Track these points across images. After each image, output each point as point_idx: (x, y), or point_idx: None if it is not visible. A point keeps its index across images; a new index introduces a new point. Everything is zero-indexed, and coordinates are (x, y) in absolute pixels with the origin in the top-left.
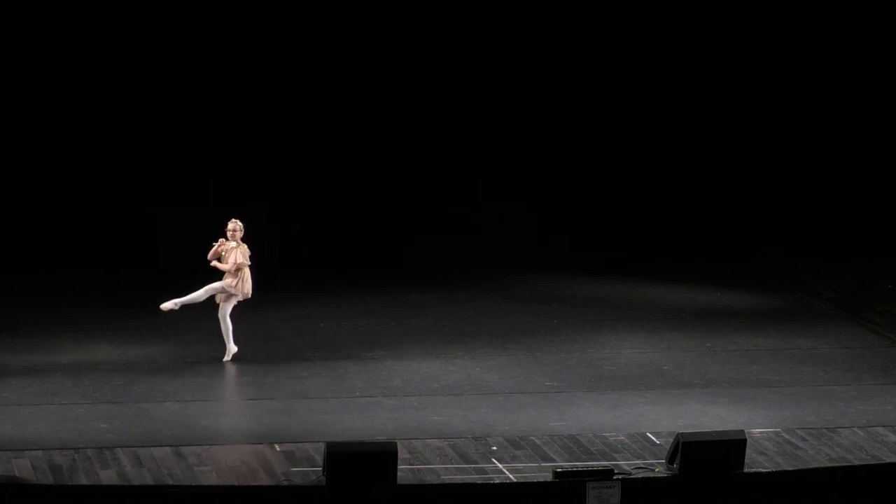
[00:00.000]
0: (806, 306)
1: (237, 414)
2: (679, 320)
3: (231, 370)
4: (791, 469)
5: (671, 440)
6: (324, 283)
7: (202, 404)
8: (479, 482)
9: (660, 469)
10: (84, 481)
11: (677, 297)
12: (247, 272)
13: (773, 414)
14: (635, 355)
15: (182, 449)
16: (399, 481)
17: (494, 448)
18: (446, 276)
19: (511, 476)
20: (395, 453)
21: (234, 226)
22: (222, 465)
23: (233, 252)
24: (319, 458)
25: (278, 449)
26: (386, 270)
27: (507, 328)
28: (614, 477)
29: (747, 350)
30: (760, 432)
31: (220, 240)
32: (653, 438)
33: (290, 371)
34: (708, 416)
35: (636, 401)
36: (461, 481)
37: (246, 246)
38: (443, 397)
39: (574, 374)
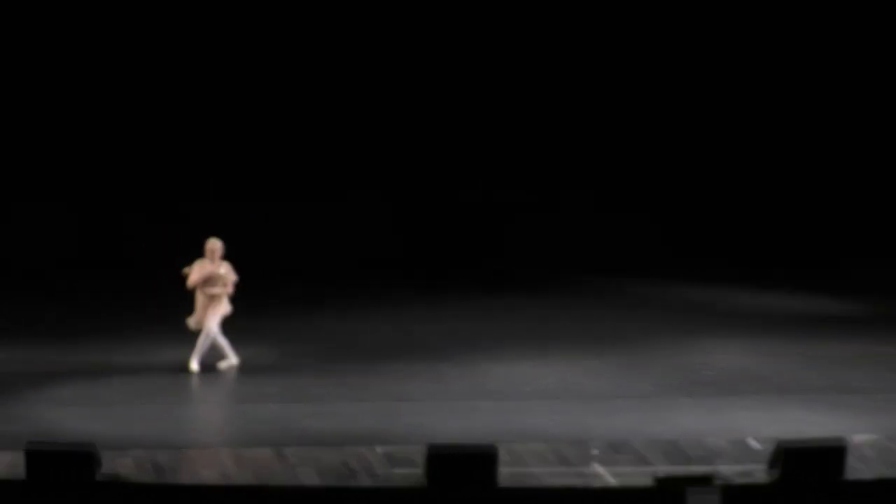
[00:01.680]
0: None
1: (338, 415)
2: (777, 326)
3: (332, 372)
4: (893, 477)
5: (771, 446)
6: (422, 286)
7: (303, 405)
8: (579, 486)
9: (760, 475)
10: (186, 481)
11: (775, 303)
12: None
13: (873, 421)
14: (734, 361)
15: (283, 449)
16: (499, 484)
17: (595, 452)
18: (544, 280)
19: (611, 480)
20: (496, 456)
21: (214, 246)
22: (323, 465)
23: (222, 273)
24: (420, 460)
25: (379, 450)
26: (484, 273)
27: (607, 332)
28: (714, 483)
29: (846, 356)
30: (861, 439)
31: (199, 264)
32: (752, 444)
33: (390, 373)
34: (807, 423)
35: (735, 406)
36: (561, 485)
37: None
38: (543, 401)
39: (673, 379)
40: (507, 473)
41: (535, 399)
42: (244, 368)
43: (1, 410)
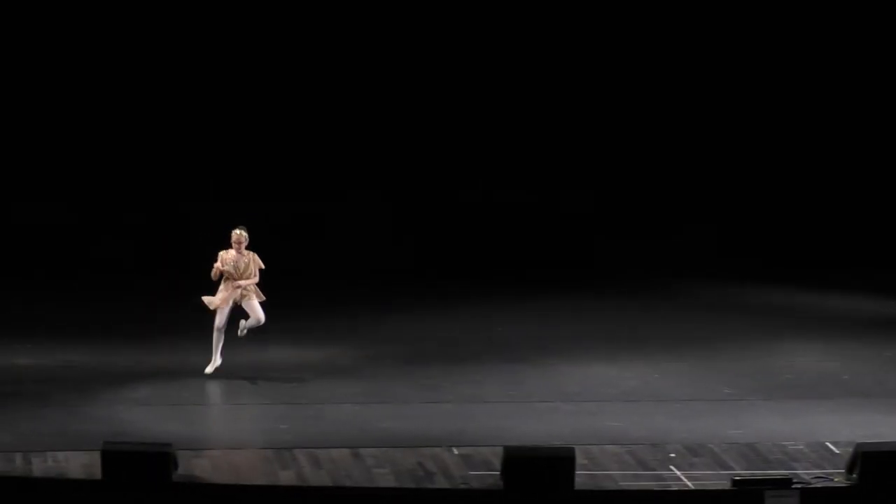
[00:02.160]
0: None
1: (414, 416)
2: (856, 328)
3: (408, 373)
4: None
5: (850, 450)
6: (498, 286)
7: (379, 406)
8: (657, 489)
9: (839, 479)
10: (263, 481)
11: (854, 305)
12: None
13: None
14: (813, 364)
15: (360, 450)
16: (576, 487)
17: (672, 455)
18: (622, 282)
19: (689, 483)
20: (573, 458)
21: (240, 237)
22: (400, 467)
23: (251, 263)
24: (497, 462)
25: (456, 452)
26: (561, 274)
27: (684, 335)
28: (793, 486)
29: None
30: None
31: (224, 254)
32: (832, 448)
33: (467, 374)
34: (887, 426)
35: (814, 409)
36: (638, 488)
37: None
38: (620, 403)
39: (752, 382)
40: (584, 476)
41: (613, 401)
42: (321, 369)
43: (78, 411)
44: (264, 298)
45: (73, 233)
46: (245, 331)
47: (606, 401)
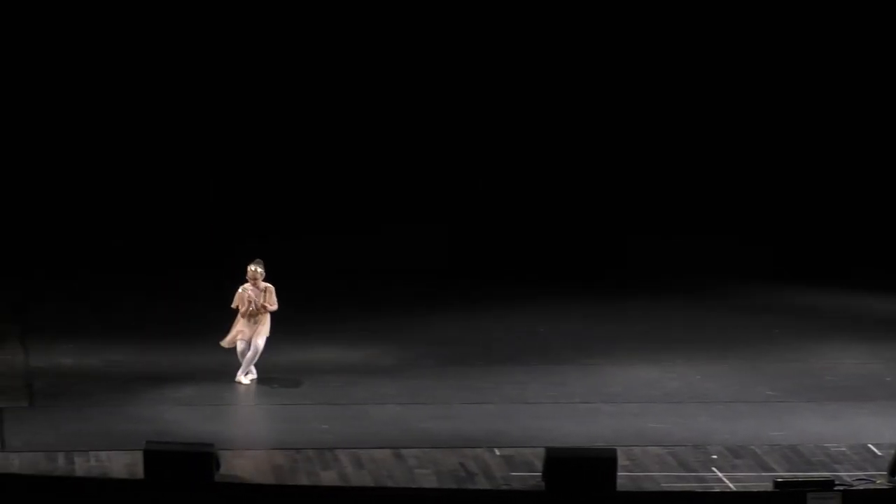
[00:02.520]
0: None
1: (456, 417)
2: None
3: (449, 374)
4: None
5: (893, 451)
6: (541, 287)
7: (421, 407)
8: (699, 490)
9: (881, 481)
10: (305, 482)
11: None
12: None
13: None
14: (856, 366)
15: (402, 451)
16: (618, 488)
17: (715, 456)
18: (663, 283)
19: (731, 485)
20: (615, 460)
21: (255, 274)
22: (441, 467)
23: (268, 295)
24: (539, 464)
25: (498, 453)
26: (604, 275)
27: (726, 336)
28: (835, 488)
29: None
30: None
31: (242, 293)
32: (874, 450)
33: (509, 375)
34: None
35: (857, 412)
36: (680, 489)
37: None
38: (662, 405)
39: (794, 384)
40: (626, 477)
41: (655, 403)
42: (363, 370)
43: (121, 410)
44: (269, 335)
45: (118, 233)
46: (248, 376)
47: (649, 402)
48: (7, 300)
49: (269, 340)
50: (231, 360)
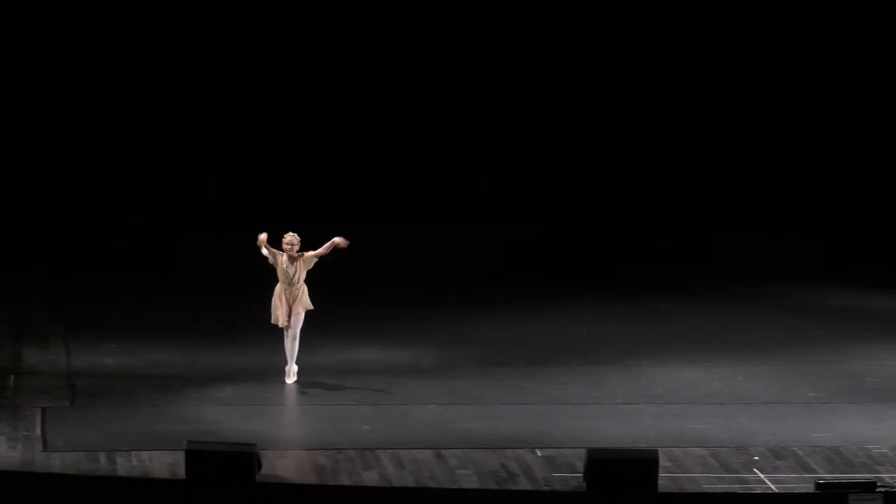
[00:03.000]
0: None
1: (498, 418)
2: None
3: (491, 374)
4: None
5: None
6: (583, 288)
7: (463, 407)
8: (740, 492)
9: None
10: (346, 482)
11: None
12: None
13: None
14: None
15: (443, 452)
16: (659, 489)
17: (756, 458)
18: (705, 284)
19: (772, 486)
20: (657, 461)
21: (293, 240)
22: (483, 468)
23: (301, 266)
24: (580, 465)
25: (539, 454)
26: (646, 276)
27: (768, 337)
28: (877, 489)
29: None
30: None
31: (281, 256)
32: None
33: (551, 376)
34: None
35: None
36: (722, 490)
37: (307, 254)
38: (704, 406)
39: (836, 386)
40: (667, 478)
41: (697, 404)
42: (405, 370)
43: (163, 410)
44: (312, 307)
45: (160, 233)
46: (293, 374)
47: (690, 403)
48: (49, 300)
49: (311, 340)
50: (272, 361)
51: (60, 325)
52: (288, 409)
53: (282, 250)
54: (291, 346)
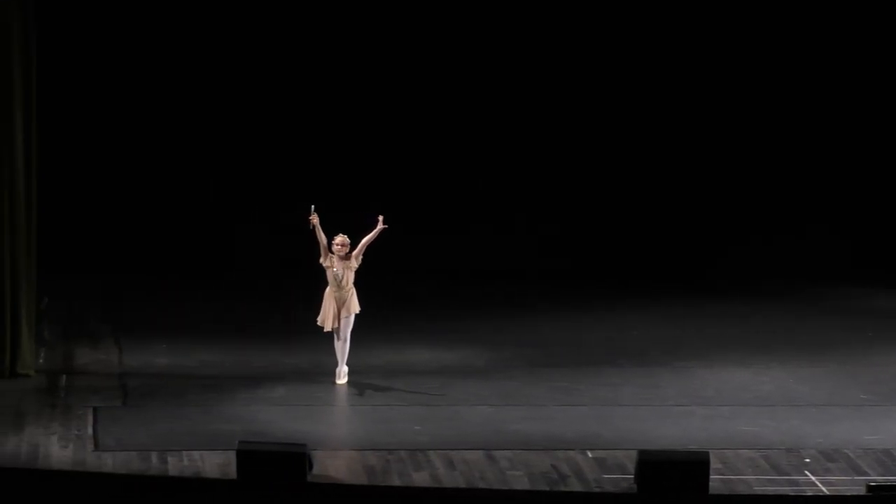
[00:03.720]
0: None
1: (548, 419)
2: None
3: (541, 375)
4: None
5: None
6: (634, 289)
7: (514, 408)
8: (791, 494)
9: None
10: (397, 483)
11: None
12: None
13: None
14: None
15: (494, 453)
16: (710, 491)
17: (808, 460)
18: (755, 286)
19: (824, 489)
20: (708, 463)
21: (345, 240)
22: (533, 469)
23: (349, 268)
24: (631, 466)
25: (590, 455)
26: (694, 278)
27: (820, 339)
28: None
29: None
30: None
31: (332, 262)
32: None
33: (602, 377)
34: None
35: None
36: (773, 493)
37: (354, 258)
38: (755, 408)
39: (889, 388)
40: (718, 481)
41: (748, 406)
42: (456, 371)
43: (215, 410)
44: (359, 310)
45: (214, 233)
46: (344, 376)
47: (741, 405)
48: (102, 300)
49: (362, 341)
50: (323, 361)
51: (113, 324)
52: (339, 409)
53: (331, 250)
54: (342, 348)
